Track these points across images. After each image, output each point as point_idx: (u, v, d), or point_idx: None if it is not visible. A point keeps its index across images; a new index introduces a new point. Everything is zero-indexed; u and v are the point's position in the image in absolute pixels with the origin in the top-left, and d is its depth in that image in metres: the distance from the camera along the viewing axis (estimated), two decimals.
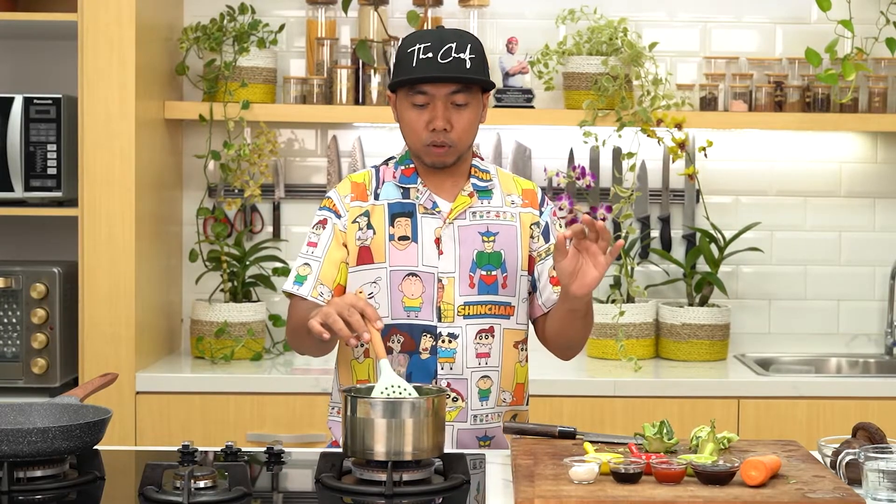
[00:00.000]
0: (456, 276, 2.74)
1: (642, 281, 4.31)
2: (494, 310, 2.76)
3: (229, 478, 2.29)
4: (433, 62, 2.67)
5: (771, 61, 4.31)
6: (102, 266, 3.79)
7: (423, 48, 2.68)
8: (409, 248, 2.74)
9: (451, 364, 2.73)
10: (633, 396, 3.82)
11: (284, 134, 4.37)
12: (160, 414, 3.81)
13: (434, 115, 2.69)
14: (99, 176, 3.79)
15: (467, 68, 2.68)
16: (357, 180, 2.82)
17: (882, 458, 2.26)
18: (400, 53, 2.73)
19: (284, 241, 4.34)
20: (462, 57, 2.68)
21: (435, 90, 2.69)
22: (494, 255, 2.76)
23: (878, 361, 4.34)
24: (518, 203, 2.82)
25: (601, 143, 4.22)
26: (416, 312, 2.72)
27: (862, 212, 4.41)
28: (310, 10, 4.27)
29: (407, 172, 2.79)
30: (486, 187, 2.80)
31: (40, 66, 4.28)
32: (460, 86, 2.69)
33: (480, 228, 2.77)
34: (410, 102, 2.71)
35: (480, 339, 2.75)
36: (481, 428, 2.77)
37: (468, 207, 2.77)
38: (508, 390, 2.80)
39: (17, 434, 2.30)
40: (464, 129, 2.72)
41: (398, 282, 2.73)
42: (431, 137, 2.70)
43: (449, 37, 2.70)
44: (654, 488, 2.24)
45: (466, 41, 2.70)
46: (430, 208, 2.76)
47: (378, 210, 2.77)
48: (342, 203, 2.79)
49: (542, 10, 4.33)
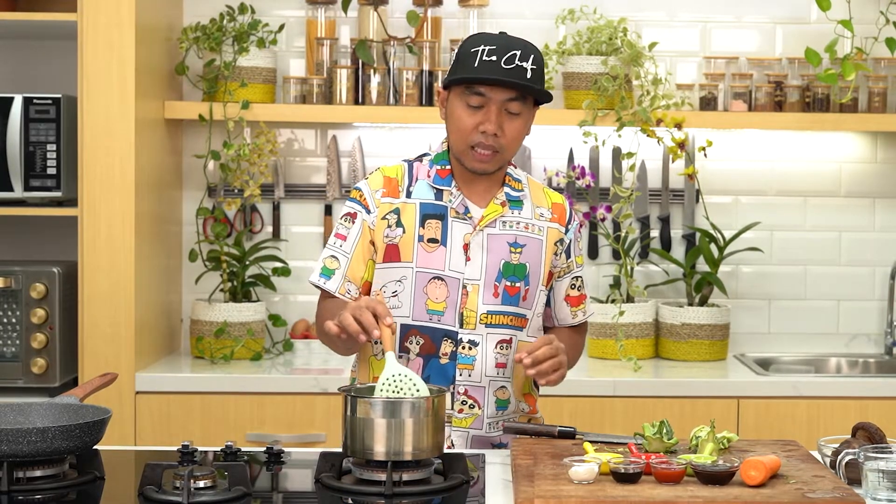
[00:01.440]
0: (481, 283, 2.73)
1: (642, 281, 4.31)
2: (514, 321, 2.76)
3: (229, 478, 2.29)
4: (496, 66, 2.65)
5: (771, 61, 4.31)
6: (102, 266, 3.79)
7: (488, 50, 2.66)
8: (437, 251, 2.73)
9: (469, 371, 2.73)
10: (633, 396, 3.82)
11: (284, 134, 4.37)
12: (160, 414, 3.81)
13: (487, 118, 2.67)
14: (99, 176, 3.79)
15: (528, 77, 2.66)
16: (390, 175, 2.79)
17: (882, 458, 2.26)
18: (462, 52, 2.70)
19: (284, 241, 4.34)
20: (524, 66, 2.66)
21: (493, 93, 2.67)
22: (520, 266, 2.76)
23: (878, 361, 4.34)
24: (547, 217, 2.81)
25: (601, 143, 4.22)
26: (440, 317, 2.72)
27: (862, 212, 4.41)
28: (310, 10, 4.27)
29: (442, 173, 2.77)
30: (518, 197, 2.79)
31: (40, 66, 4.28)
32: (517, 94, 2.68)
33: (509, 239, 2.76)
34: (465, 102, 2.69)
35: (500, 349, 2.75)
36: (495, 436, 2.78)
37: (499, 216, 2.76)
38: (523, 400, 2.82)
39: (16, 434, 2.30)
40: (513, 137, 2.70)
41: (423, 284, 2.72)
42: (480, 139, 2.68)
43: (514, 44, 2.68)
44: (653, 488, 2.24)
45: (530, 51, 2.68)
46: (461, 213, 2.74)
47: (409, 209, 2.75)
48: (373, 198, 2.77)
49: (541, 10, 4.33)
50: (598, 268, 4.38)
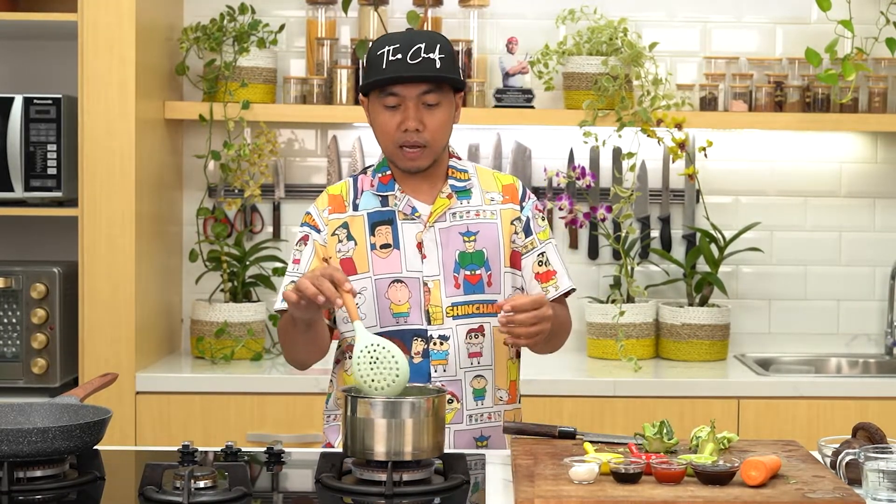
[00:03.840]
0: (441, 278, 2.74)
1: (642, 281, 4.31)
2: (482, 308, 2.76)
3: (229, 478, 2.29)
4: (403, 63, 2.66)
5: (771, 61, 4.31)
6: (102, 266, 3.79)
7: (392, 49, 2.67)
8: (391, 255, 2.74)
9: (444, 366, 2.73)
10: (633, 396, 3.82)
11: (284, 134, 4.37)
12: (160, 414, 3.81)
13: (406, 115, 2.69)
14: (99, 176, 3.79)
15: (437, 68, 2.67)
16: (334, 192, 2.82)
17: (882, 458, 2.26)
18: (370, 56, 2.72)
19: (284, 241, 4.34)
20: (432, 57, 2.67)
21: (406, 91, 2.68)
22: (476, 254, 2.76)
23: (878, 361, 4.34)
24: (498, 200, 2.81)
25: (601, 143, 4.22)
26: (405, 318, 2.73)
27: (862, 212, 4.41)
28: (310, 10, 4.27)
29: (384, 180, 2.79)
30: (464, 187, 2.80)
31: (40, 66, 4.28)
32: (431, 85, 2.69)
33: (461, 229, 2.76)
34: (382, 105, 2.71)
35: (471, 338, 2.75)
36: (477, 428, 2.77)
37: (447, 209, 2.77)
38: (503, 388, 2.80)
39: (17, 434, 2.30)
40: (436, 128, 2.71)
41: (384, 289, 2.73)
42: (404, 138, 2.70)
43: (418, 38, 2.69)
44: (654, 488, 2.24)
45: (436, 41, 2.69)
46: (409, 214, 2.76)
47: (357, 220, 2.77)
48: (320, 217, 2.80)
49: (542, 10, 4.33)
50: (598, 268, 4.38)
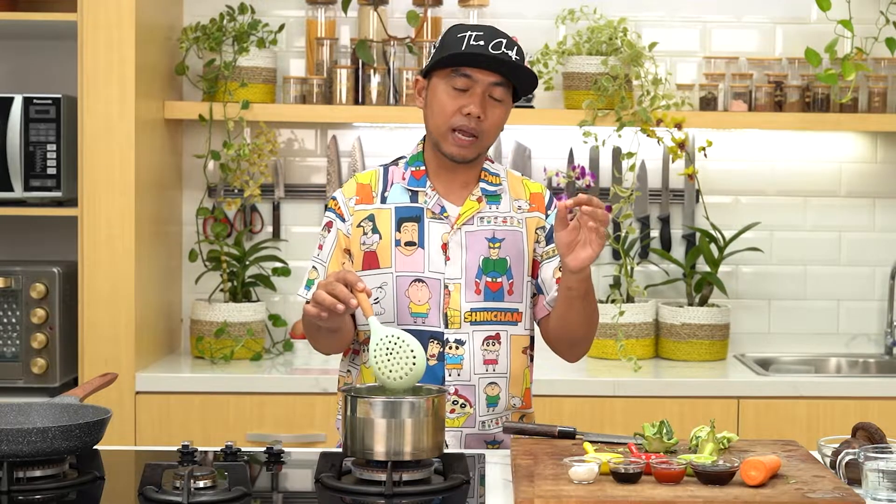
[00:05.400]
0: (462, 282, 2.71)
1: (642, 281, 4.31)
2: (500, 317, 2.74)
3: (229, 478, 2.29)
4: (484, 49, 2.65)
5: (771, 61, 4.31)
6: (102, 266, 3.79)
7: (475, 35, 2.66)
8: (415, 253, 2.71)
9: (458, 370, 2.72)
10: (633, 396, 3.82)
11: (284, 134, 4.37)
12: (160, 414, 3.81)
13: (472, 100, 2.66)
14: (99, 176, 3.79)
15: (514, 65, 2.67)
16: (363, 181, 2.78)
17: (882, 458, 2.26)
18: (448, 38, 2.69)
19: (284, 241, 4.34)
20: (510, 53, 2.67)
21: (479, 76, 2.66)
22: (500, 261, 2.74)
23: (878, 361, 4.34)
24: (525, 208, 2.79)
25: (601, 143, 4.22)
26: (424, 318, 2.71)
27: (862, 212, 4.41)
28: (309, 10, 4.27)
29: (417, 174, 2.75)
30: (495, 192, 2.77)
31: (40, 66, 4.28)
32: (503, 80, 2.67)
33: (487, 234, 2.74)
34: (450, 85, 2.67)
35: (487, 345, 2.73)
36: (490, 433, 2.77)
37: (476, 213, 2.74)
38: (518, 395, 2.79)
39: (16, 434, 2.30)
40: (493, 123, 2.69)
41: (405, 287, 2.71)
42: (462, 122, 2.66)
43: (499, 33, 2.69)
44: (653, 488, 2.24)
45: (514, 42, 2.69)
46: (437, 213, 2.73)
47: (384, 214, 2.74)
48: (346, 206, 2.76)
49: (541, 10, 4.33)
50: (598, 268, 4.38)
